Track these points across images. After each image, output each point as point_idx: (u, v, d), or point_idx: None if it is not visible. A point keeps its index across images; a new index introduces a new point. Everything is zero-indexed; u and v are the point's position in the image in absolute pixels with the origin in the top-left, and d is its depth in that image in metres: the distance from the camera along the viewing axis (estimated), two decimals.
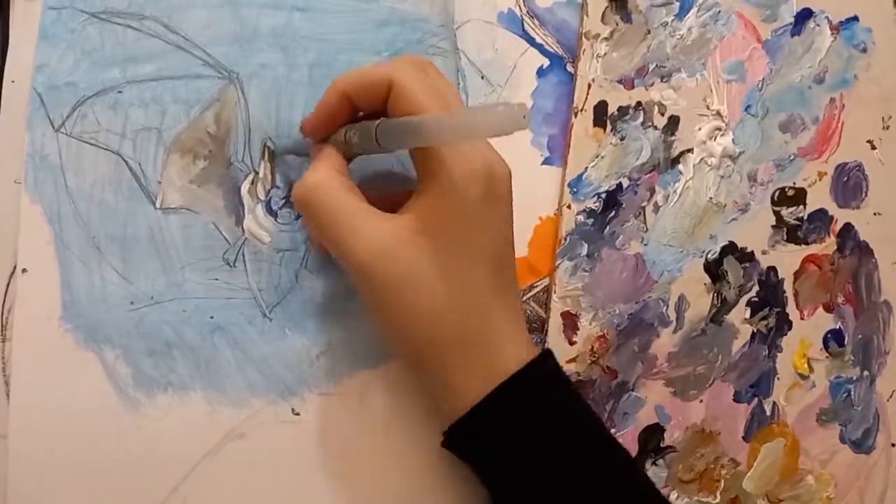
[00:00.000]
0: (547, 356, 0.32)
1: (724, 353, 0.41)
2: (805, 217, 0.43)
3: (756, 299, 0.42)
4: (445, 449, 0.32)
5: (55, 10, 0.36)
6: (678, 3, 0.42)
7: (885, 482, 0.42)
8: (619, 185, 0.41)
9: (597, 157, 0.41)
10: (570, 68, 0.41)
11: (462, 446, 0.32)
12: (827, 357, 0.42)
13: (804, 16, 0.43)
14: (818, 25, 0.43)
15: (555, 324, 0.39)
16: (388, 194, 0.34)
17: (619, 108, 0.41)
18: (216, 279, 0.36)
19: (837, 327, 0.43)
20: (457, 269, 0.30)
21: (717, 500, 0.40)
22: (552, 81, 0.41)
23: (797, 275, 0.42)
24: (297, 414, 0.36)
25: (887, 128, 0.44)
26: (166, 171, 0.36)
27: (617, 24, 0.41)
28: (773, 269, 0.42)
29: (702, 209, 0.41)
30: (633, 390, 0.40)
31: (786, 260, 0.42)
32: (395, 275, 0.29)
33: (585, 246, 0.40)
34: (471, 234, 0.30)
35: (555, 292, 0.39)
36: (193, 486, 0.34)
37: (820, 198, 0.43)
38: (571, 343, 0.39)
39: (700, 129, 0.42)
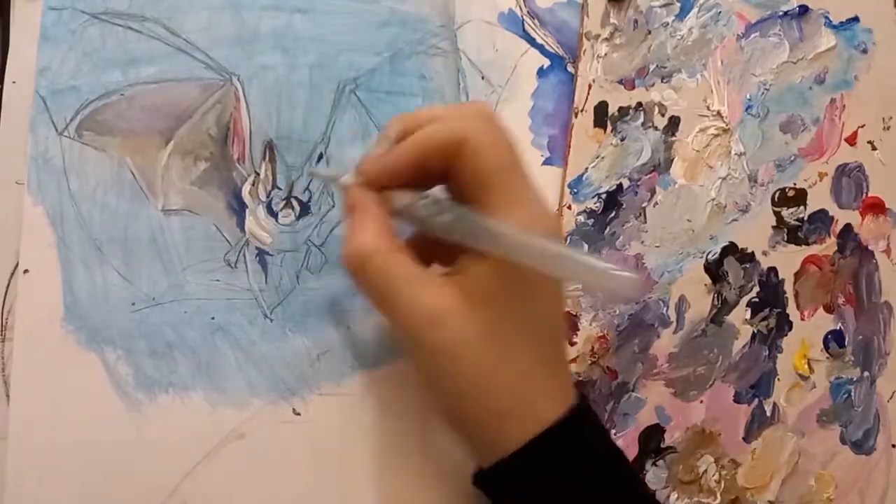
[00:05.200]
0: (581, 411, 0.32)
1: (725, 354, 0.41)
2: (805, 218, 0.43)
3: (756, 300, 0.42)
4: (474, 486, 0.32)
5: (56, 10, 0.36)
6: (679, 4, 0.42)
7: (885, 483, 0.42)
8: (620, 186, 0.41)
9: (597, 157, 0.41)
10: (570, 69, 0.41)
11: (491, 490, 0.32)
12: (827, 358, 0.42)
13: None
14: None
15: None
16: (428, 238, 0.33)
17: (620, 109, 0.41)
18: (217, 280, 0.36)
19: (838, 328, 0.43)
20: (504, 340, 0.29)
21: (717, 500, 0.40)
22: (552, 82, 0.41)
23: (797, 275, 0.42)
24: (298, 414, 0.36)
25: (888, 128, 0.44)
26: (168, 173, 0.36)
27: (617, 25, 0.41)
28: (773, 269, 0.42)
29: (702, 210, 0.41)
30: (633, 391, 0.40)
31: (786, 260, 0.42)
32: (440, 344, 0.29)
33: (586, 246, 0.40)
34: (523, 304, 0.30)
35: None
36: (194, 486, 0.34)
37: (820, 198, 0.43)
38: (572, 344, 0.39)
39: (701, 130, 0.42)
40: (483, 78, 0.40)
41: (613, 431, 0.39)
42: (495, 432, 0.30)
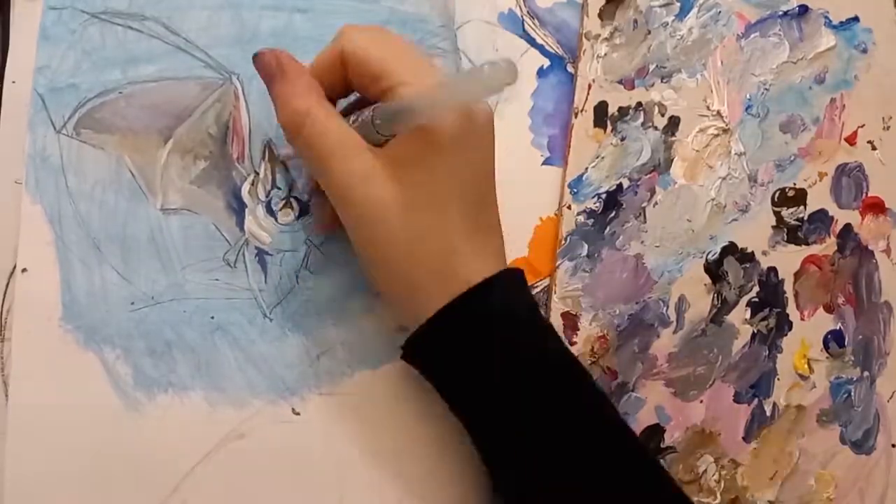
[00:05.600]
0: (508, 274, 0.33)
1: (725, 354, 0.41)
2: (805, 217, 0.43)
3: (756, 300, 0.42)
4: (405, 361, 0.33)
5: (56, 10, 0.36)
6: (678, 4, 0.42)
7: (885, 483, 0.42)
8: (620, 186, 0.41)
9: (597, 157, 0.41)
10: (570, 69, 0.41)
11: (419, 358, 0.33)
12: (827, 358, 0.42)
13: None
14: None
15: (555, 324, 0.39)
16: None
17: (620, 109, 0.41)
18: (216, 280, 0.36)
19: (838, 328, 0.43)
20: (429, 202, 0.31)
21: (717, 500, 0.40)
22: (552, 82, 0.41)
23: (797, 275, 0.42)
24: (298, 414, 0.36)
25: (888, 128, 0.44)
26: (167, 171, 0.36)
27: (617, 25, 0.41)
28: (773, 269, 0.42)
29: (702, 210, 0.41)
30: (633, 391, 0.40)
31: (786, 260, 0.42)
32: (371, 199, 0.30)
33: (586, 246, 0.40)
34: (446, 170, 0.31)
35: (555, 293, 0.39)
36: (193, 486, 0.34)
37: (820, 198, 0.43)
38: (572, 343, 0.39)
39: (701, 129, 0.42)
40: None
41: None
42: (422, 294, 0.31)
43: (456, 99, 0.29)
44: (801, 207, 0.43)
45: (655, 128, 0.41)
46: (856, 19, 0.44)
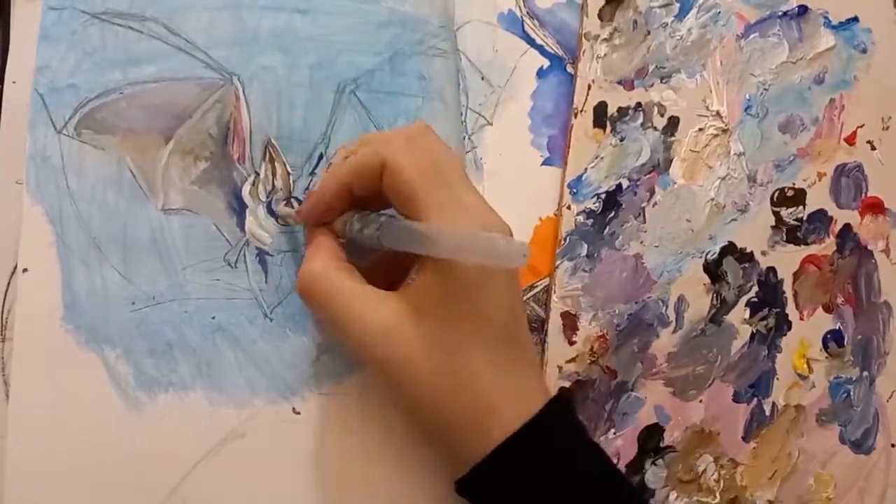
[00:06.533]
0: (556, 404, 0.32)
1: (724, 354, 0.41)
2: (804, 218, 0.43)
3: (755, 300, 0.42)
4: (459, 495, 0.32)
5: (56, 10, 0.36)
6: (678, 4, 0.42)
7: (884, 483, 0.42)
8: (619, 186, 0.41)
9: (596, 157, 0.41)
10: (570, 69, 0.42)
11: (473, 495, 0.32)
12: (826, 357, 0.42)
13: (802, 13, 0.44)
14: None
15: (554, 324, 0.39)
16: (387, 262, 0.34)
17: (619, 109, 0.41)
18: (217, 280, 0.36)
19: (837, 328, 0.43)
20: (454, 347, 0.30)
21: (717, 500, 0.40)
22: (552, 82, 0.41)
23: (797, 275, 0.42)
24: (298, 413, 0.36)
25: (887, 128, 0.44)
26: (167, 172, 0.36)
27: (617, 26, 0.42)
28: (772, 269, 0.42)
29: (701, 210, 0.42)
30: (632, 390, 0.40)
31: (785, 260, 0.42)
32: (395, 355, 0.30)
33: (585, 246, 0.40)
34: (471, 308, 0.30)
35: (554, 292, 0.39)
36: (194, 485, 0.34)
37: (819, 198, 0.43)
38: (571, 343, 0.39)
39: (700, 130, 0.42)
40: (483, 78, 0.40)
41: (613, 431, 0.40)
42: (461, 441, 0.31)
43: (461, 257, 0.28)
44: (801, 207, 0.43)
45: (655, 128, 0.41)
46: (855, 19, 0.44)
